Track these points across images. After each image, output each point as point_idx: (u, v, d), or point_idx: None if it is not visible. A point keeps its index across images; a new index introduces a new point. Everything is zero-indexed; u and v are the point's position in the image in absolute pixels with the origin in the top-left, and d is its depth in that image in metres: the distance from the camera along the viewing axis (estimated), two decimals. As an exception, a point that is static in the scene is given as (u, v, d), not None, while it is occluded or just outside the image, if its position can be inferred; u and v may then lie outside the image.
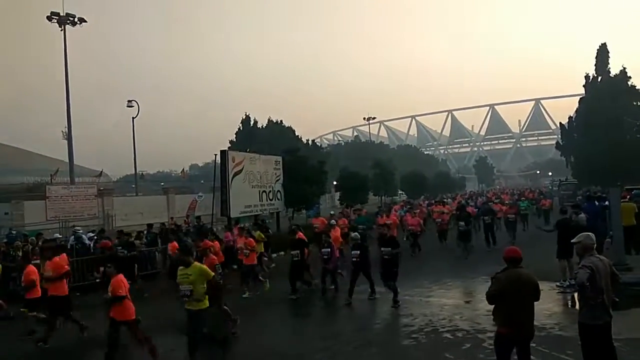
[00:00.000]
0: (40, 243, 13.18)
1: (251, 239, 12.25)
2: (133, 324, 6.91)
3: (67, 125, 31.47)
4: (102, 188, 31.63)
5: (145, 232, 16.36)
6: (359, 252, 10.26)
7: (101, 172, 41.94)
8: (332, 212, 19.88)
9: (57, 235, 16.99)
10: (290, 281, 11.02)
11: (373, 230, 17.43)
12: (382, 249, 10.20)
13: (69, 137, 31.57)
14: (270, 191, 20.79)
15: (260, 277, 12.28)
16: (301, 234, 12.03)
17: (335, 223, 14.72)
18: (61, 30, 31.03)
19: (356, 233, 11.24)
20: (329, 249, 11.02)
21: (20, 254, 13.02)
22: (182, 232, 16.65)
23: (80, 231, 16.26)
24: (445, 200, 28.29)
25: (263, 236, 14.69)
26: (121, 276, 7.01)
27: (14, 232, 20.62)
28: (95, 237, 15.40)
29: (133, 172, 43.61)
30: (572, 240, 5.38)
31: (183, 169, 71.37)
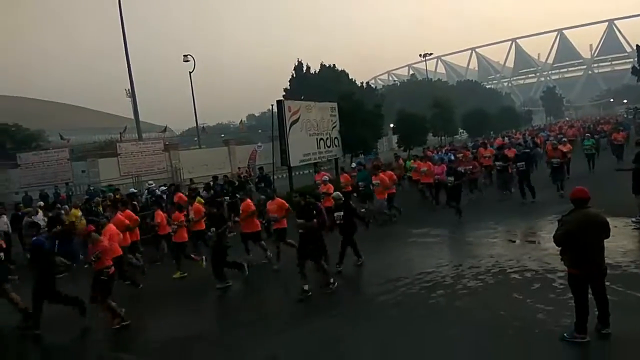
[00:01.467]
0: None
1: (180, 214, 10.78)
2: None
3: (130, 84, 32.57)
4: (167, 143, 32.97)
5: (212, 183, 17.02)
6: (342, 213, 9.01)
7: (165, 127, 43.47)
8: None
9: (132, 189, 18.07)
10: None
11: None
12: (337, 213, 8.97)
13: (132, 95, 32.71)
14: (327, 138, 20.81)
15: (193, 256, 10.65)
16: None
17: (327, 180, 13.61)
18: (115, -11, 31.49)
19: (338, 192, 9.83)
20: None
21: (100, 209, 14.03)
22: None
23: (153, 186, 17.23)
24: (490, 140, 25.77)
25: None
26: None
27: (92, 188, 22.19)
28: (167, 191, 16.21)
29: (194, 125, 44.98)
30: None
31: (241, 120, 72.75)
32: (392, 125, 36.57)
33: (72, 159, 27.56)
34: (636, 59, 39.15)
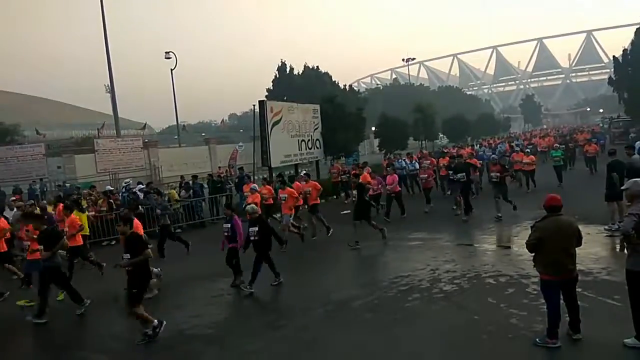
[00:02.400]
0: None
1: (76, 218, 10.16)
2: None
3: (109, 79, 32.09)
4: (146, 140, 32.61)
5: (191, 182, 16.86)
6: (256, 228, 8.25)
7: (145, 124, 43.14)
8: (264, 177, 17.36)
9: (109, 187, 17.77)
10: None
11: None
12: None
13: (112, 91, 32.26)
14: (309, 140, 20.82)
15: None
16: None
17: (256, 189, 13.34)
18: (96, -17, 31.03)
19: (252, 205, 9.10)
20: (229, 224, 8.69)
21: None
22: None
23: (130, 184, 16.97)
24: (445, 151, 23.61)
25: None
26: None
27: (67, 184, 21.75)
28: (145, 189, 16.00)
29: (175, 123, 44.55)
30: (622, 187, 5.21)
31: (222, 119, 72.36)
32: (373, 128, 36.78)
33: (47, 155, 26.99)
34: (613, 70, 39.94)
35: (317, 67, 51.20)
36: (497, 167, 13.13)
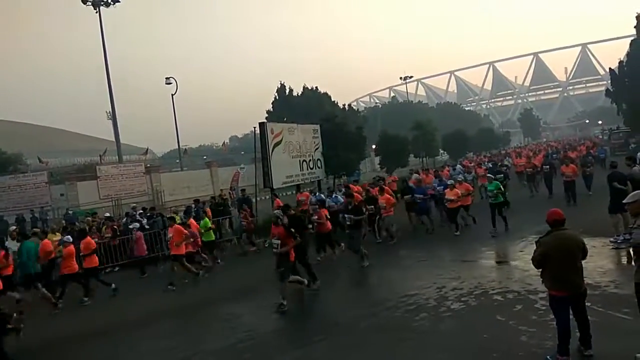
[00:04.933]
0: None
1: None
2: None
3: (110, 106, 32.41)
4: (148, 165, 32.77)
5: (194, 207, 16.84)
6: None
7: (147, 149, 43.30)
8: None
9: (107, 214, 17.82)
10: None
11: None
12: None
13: (113, 117, 32.59)
14: (310, 160, 20.87)
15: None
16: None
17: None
18: (96, 12, 31.68)
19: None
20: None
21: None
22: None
23: (134, 210, 16.98)
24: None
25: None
26: None
27: (70, 212, 21.79)
28: (149, 214, 16.01)
29: (176, 147, 44.76)
30: (624, 201, 5.20)
31: (224, 142, 72.71)
32: (374, 146, 36.88)
33: (50, 182, 27.09)
34: (610, 82, 40.19)
35: (316, 87, 51.55)
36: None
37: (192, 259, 11.93)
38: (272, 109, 48.32)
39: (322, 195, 15.25)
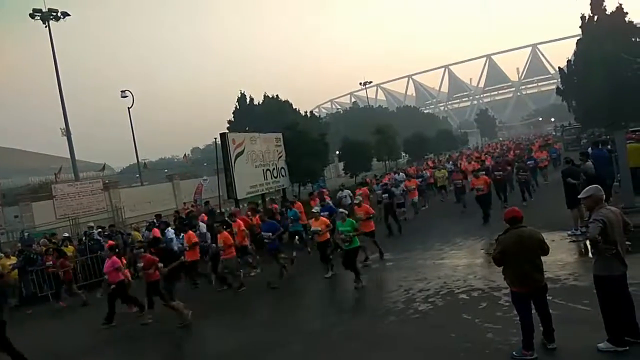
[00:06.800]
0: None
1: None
2: None
3: (64, 122, 31.33)
4: (107, 181, 31.78)
5: (156, 222, 16.34)
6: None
7: (104, 165, 42.02)
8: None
9: (66, 234, 17.12)
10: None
11: None
12: None
13: (67, 133, 31.50)
14: (274, 169, 20.76)
15: None
16: None
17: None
18: (45, 26, 30.66)
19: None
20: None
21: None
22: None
23: (93, 230, 16.33)
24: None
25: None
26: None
27: (26, 234, 20.87)
28: (107, 233, 15.49)
29: (135, 162, 43.66)
30: (579, 196, 5.35)
31: (185, 154, 71.48)
32: (337, 152, 37.11)
33: (3, 205, 25.90)
34: (560, 80, 41.84)
35: (277, 95, 51.40)
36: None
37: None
38: (233, 119, 47.87)
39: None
